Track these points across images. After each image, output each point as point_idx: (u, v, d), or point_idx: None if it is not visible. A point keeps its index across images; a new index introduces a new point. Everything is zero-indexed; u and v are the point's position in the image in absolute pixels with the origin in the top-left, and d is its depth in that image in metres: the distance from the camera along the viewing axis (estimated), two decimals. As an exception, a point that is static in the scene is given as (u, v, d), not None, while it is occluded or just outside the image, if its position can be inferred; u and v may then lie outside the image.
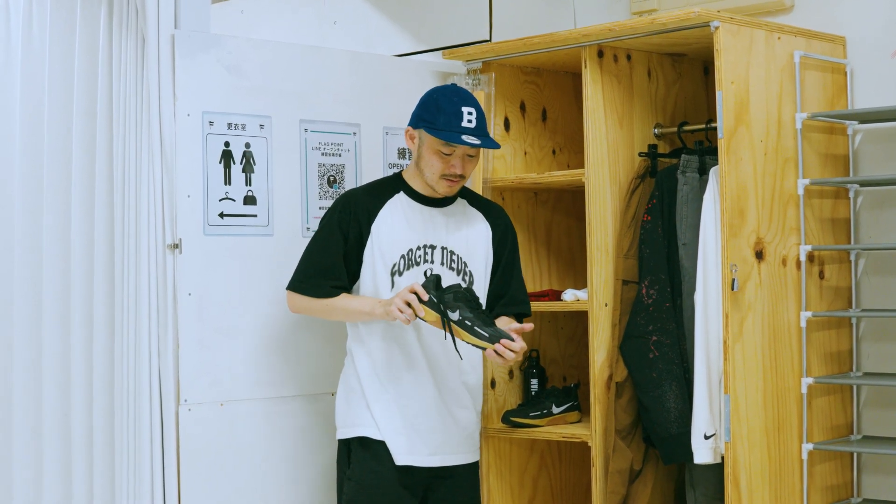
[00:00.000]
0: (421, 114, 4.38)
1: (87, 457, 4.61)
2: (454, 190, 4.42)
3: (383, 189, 4.45)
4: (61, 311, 4.68)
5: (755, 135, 4.53)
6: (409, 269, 4.37)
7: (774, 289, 4.59)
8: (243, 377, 4.57)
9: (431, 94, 4.42)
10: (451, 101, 4.34)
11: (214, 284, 4.51)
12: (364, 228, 4.36)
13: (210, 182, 4.52)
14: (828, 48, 4.86)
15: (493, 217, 4.56)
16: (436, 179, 4.36)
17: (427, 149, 4.35)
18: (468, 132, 4.32)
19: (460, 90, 4.41)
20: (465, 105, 4.34)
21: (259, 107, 4.64)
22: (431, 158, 4.35)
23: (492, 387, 5.09)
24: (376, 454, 4.34)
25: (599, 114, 4.79)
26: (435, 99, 4.37)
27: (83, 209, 4.62)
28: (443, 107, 4.33)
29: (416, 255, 4.38)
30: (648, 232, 4.76)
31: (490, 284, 4.53)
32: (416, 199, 4.43)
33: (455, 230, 4.45)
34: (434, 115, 4.33)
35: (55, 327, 4.69)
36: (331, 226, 4.38)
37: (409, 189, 4.43)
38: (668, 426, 4.68)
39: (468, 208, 4.53)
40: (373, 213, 4.38)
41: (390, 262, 4.36)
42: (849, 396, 4.91)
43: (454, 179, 4.37)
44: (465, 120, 4.32)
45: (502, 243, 4.54)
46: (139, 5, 4.43)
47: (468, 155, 4.37)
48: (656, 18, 4.60)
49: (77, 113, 4.63)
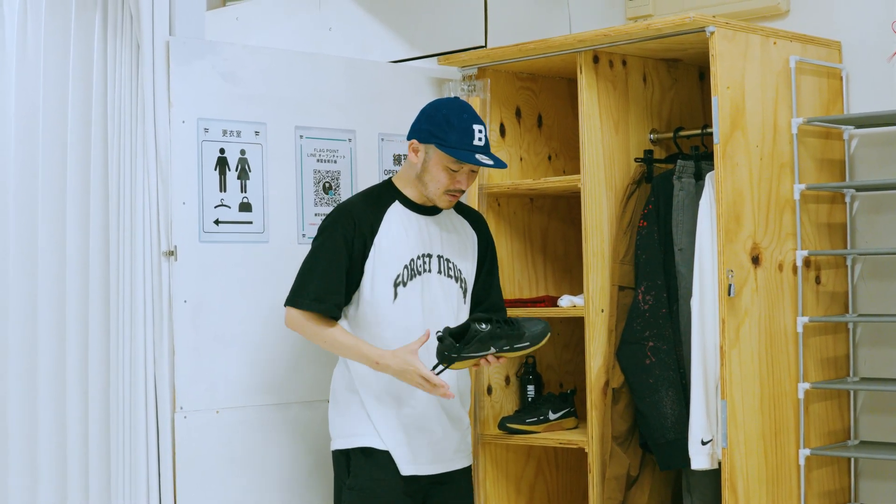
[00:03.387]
0: (431, 129, 4.34)
1: (83, 464, 4.61)
2: (453, 204, 4.42)
3: (380, 199, 4.42)
4: (56, 318, 4.67)
5: (751, 140, 4.53)
6: (412, 279, 4.35)
7: (771, 294, 4.59)
8: (239, 384, 4.56)
9: (439, 108, 4.38)
10: (461, 118, 4.32)
11: (210, 291, 4.50)
12: (368, 241, 4.34)
13: (205, 189, 4.51)
14: (823, 53, 4.86)
15: (477, 224, 4.59)
16: (440, 194, 4.36)
17: (435, 164, 4.34)
18: (480, 151, 4.32)
19: (466, 105, 4.40)
20: (475, 123, 4.34)
21: (254, 113, 4.64)
22: (439, 174, 4.34)
23: (488, 393, 5.09)
24: (380, 463, 4.33)
25: (595, 119, 4.79)
26: (445, 115, 4.34)
27: (78, 216, 4.61)
28: (454, 123, 4.31)
29: (417, 264, 4.38)
30: (644, 237, 4.76)
31: (472, 289, 4.53)
32: (411, 209, 4.42)
33: (447, 238, 4.46)
34: (445, 131, 4.31)
35: (50, 334, 4.68)
36: (335, 239, 4.32)
37: (403, 198, 4.42)
38: (665, 432, 4.67)
39: (454, 215, 4.53)
40: (375, 224, 4.35)
41: (394, 273, 4.34)
42: (846, 402, 4.90)
43: (457, 194, 4.38)
44: (476, 138, 4.32)
45: (485, 248, 4.56)
46: (134, 12, 4.43)
47: (472, 171, 4.37)
48: (652, 24, 4.60)
49: (72, 120, 4.63)
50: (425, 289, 4.37)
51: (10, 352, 4.76)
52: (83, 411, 4.60)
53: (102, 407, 4.55)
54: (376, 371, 4.28)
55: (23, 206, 4.75)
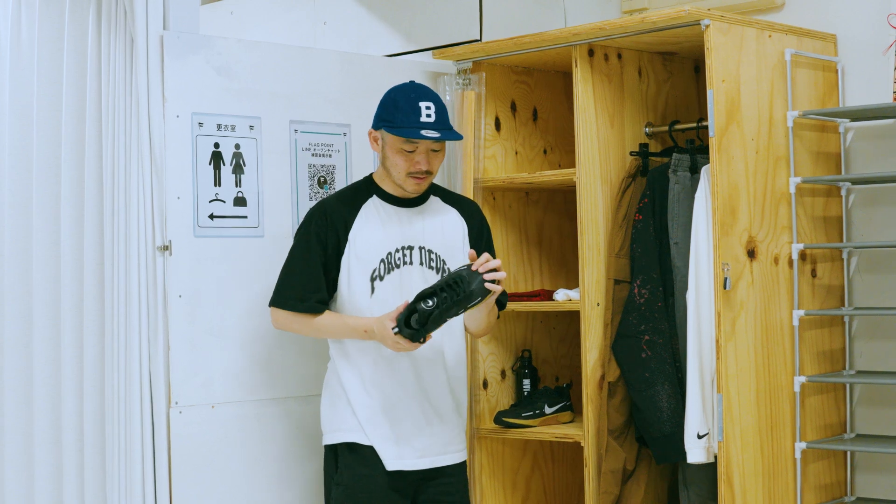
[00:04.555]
0: (380, 114, 4.34)
1: (79, 460, 4.60)
2: (423, 187, 4.38)
3: (356, 195, 4.41)
4: (51, 313, 4.66)
5: (746, 133, 4.53)
6: (390, 273, 4.34)
7: (767, 287, 4.59)
8: (234, 379, 4.55)
9: (389, 93, 4.38)
10: (408, 98, 4.30)
11: (205, 286, 4.49)
12: (342, 236, 4.33)
13: (200, 183, 4.50)
14: (819, 46, 4.85)
15: (467, 212, 4.53)
16: (403, 178, 4.33)
17: (390, 148, 4.32)
18: (427, 126, 4.27)
19: (418, 86, 4.36)
20: (423, 100, 4.30)
21: (249, 108, 4.63)
22: (395, 157, 4.32)
23: (484, 387, 5.08)
24: (365, 459, 4.32)
25: (590, 113, 4.78)
26: (392, 98, 4.33)
27: (73, 211, 4.60)
28: (400, 104, 4.29)
29: (395, 257, 4.36)
30: (640, 231, 4.76)
31: None
32: (389, 202, 4.40)
33: (431, 229, 4.43)
34: (392, 113, 4.29)
35: (45, 330, 4.67)
36: (308, 238, 4.34)
37: (381, 192, 4.40)
38: (661, 426, 4.67)
39: (442, 205, 4.49)
40: (349, 220, 4.35)
41: (370, 267, 4.33)
42: (842, 395, 4.90)
43: (421, 177, 4.33)
44: (424, 115, 4.28)
45: (479, 236, 4.51)
46: (128, 7, 4.42)
47: (432, 150, 4.32)
48: (647, 17, 4.59)
49: (66, 115, 4.62)
50: (405, 282, 4.34)
51: (5, 347, 4.75)
52: (78, 406, 4.60)
53: (98, 402, 4.54)
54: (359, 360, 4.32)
55: (17, 201, 4.74)
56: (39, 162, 4.69)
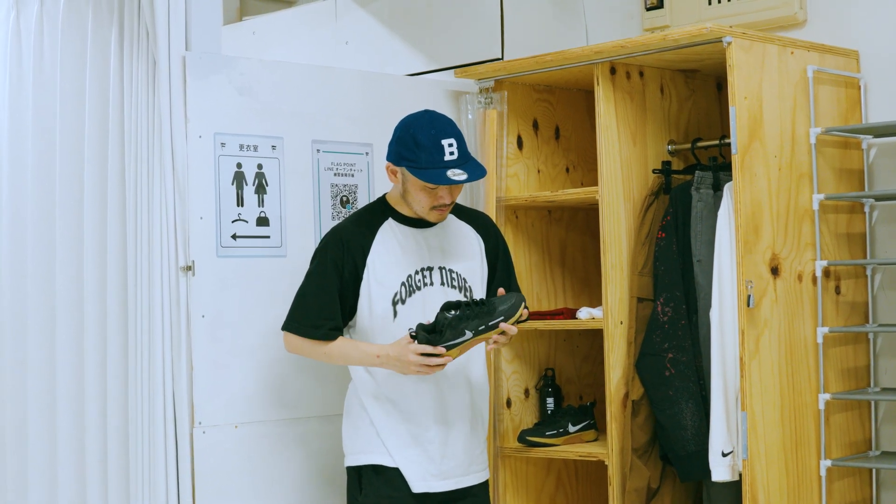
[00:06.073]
0: (400, 151, 4.26)
1: (102, 479, 4.60)
2: (445, 216, 4.35)
3: (372, 219, 4.37)
4: (75, 333, 4.67)
5: (769, 150, 4.52)
6: (412, 296, 4.32)
7: (790, 305, 4.57)
8: (257, 399, 4.56)
9: (406, 127, 4.28)
10: (429, 136, 4.21)
11: (228, 306, 4.50)
12: (359, 263, 4.30)
13: (222, 204, 4.51)
14: (841, 62, 4.84)
15: (482, 226, 4.50)
16: (426, 212, 4.31)
17: (412, 185, 4.26)
18: (452, 165, 4.20)
19: (435, 119, 4.28)
20: (444, 137, 4.21)
21: (271, 128, 4.64)
22: (418, 195, 4.27)
23: (507, 406, 5.08)
24: (390, 481, 4.30)
25: (612, 131, 4.78)
26: (412, 134, 4.24)
27: (96, 232, 4.61)
28: (421, 142, 4.20)
29: (415, 280, 4.34)
30: (663, 249, 4.75)
31: (489, 290, 4.48)
32: (405, 223, 4.37)
33: (449, 248, 4.40)
34: (414, 152, 4.21)
35: (69, 350, 4.68)
36: (324, 264, 4.30)
37: (396, 214, 4.37)
38: (685, 444, 4.66)
39: (457, 222, 4.46)
40: (366, 246, 4.31)
41: (391, 291, 4.31)
42: (867, 412, 4.88)
43: (444, 208, 4.32)
44: (447, 153, 4.20)
45: (495, 250, 4.49)
46: (150, 27, 4.43)
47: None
48: (668, 34, 4.59)
49: (89, 136, 4.63)
50: (427, 304, 4.31)
51: (29, 367, 4.76)
52: (102, 427, 4.60)
53: (121, 422, 4.55)
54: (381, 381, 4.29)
55: (40, 221, 4.76)
56: (63, 183, 4.70)
